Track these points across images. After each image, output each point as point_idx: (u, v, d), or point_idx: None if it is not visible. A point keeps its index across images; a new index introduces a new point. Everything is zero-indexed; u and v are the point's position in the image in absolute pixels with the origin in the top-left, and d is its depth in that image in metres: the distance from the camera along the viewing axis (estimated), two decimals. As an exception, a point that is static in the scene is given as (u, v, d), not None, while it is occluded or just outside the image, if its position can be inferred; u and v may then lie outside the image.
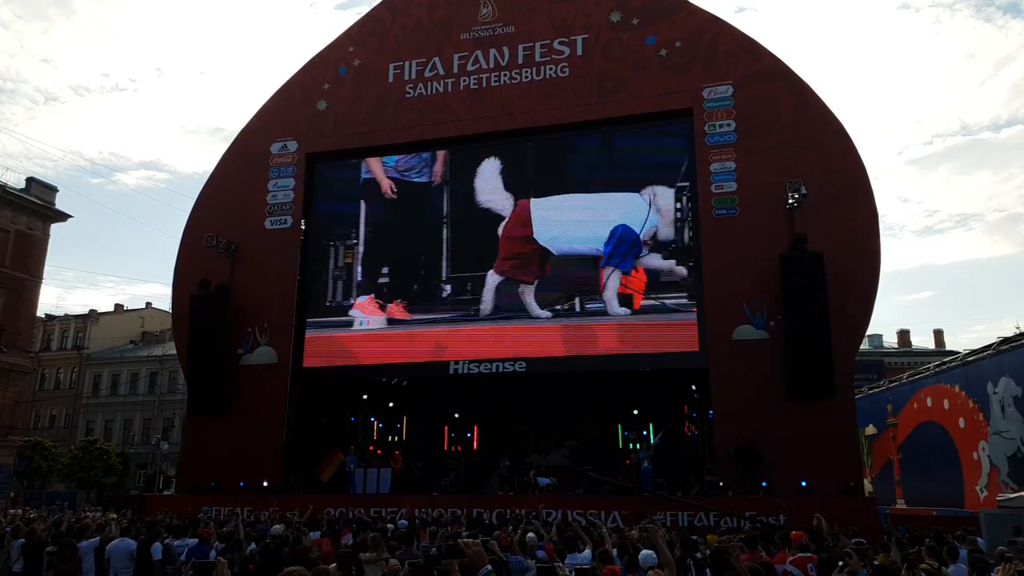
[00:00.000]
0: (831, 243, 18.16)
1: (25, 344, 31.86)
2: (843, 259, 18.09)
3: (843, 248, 18.26)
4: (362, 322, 22.86)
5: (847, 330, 17.90)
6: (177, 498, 22.20)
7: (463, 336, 21.74)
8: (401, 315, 22.50)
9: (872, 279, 18.44)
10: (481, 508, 17.53)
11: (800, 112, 19.96)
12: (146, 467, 46.78)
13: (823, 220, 18.62)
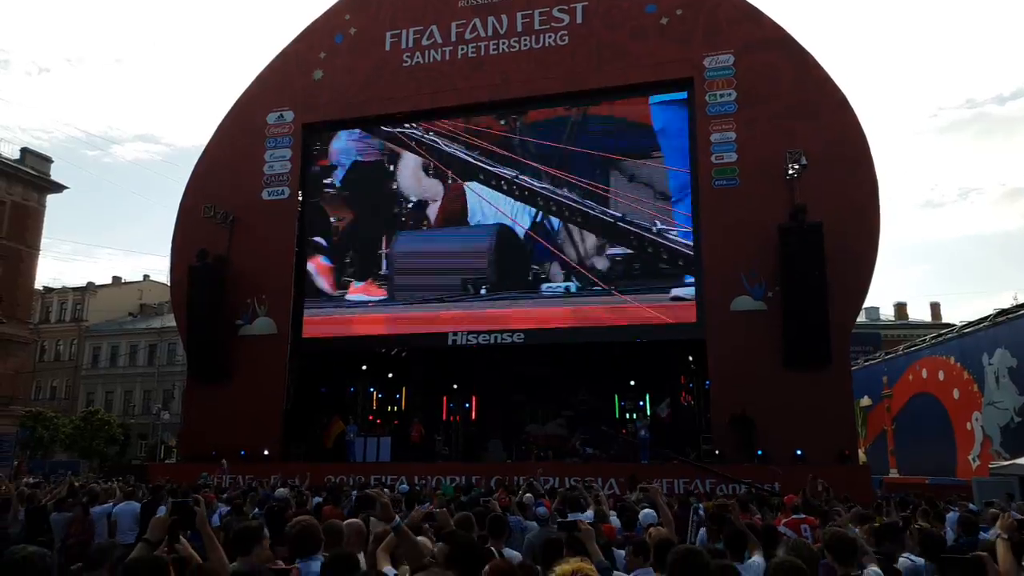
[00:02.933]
0: (830, 214, 18.15)
1: (24, 315, 31.92)
2: (842, 230, 18.09)
3: (842, 219, 18.26)
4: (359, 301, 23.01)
5: (845, 302, 17.99)
6: (179, 466, 22.40)
7: (460, 311, 21.80)
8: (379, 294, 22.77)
9: (871, 251, 18.48)
10: (479, 475, 17.73)
11: (801, 81, 19.83)
12: (147, 437, 47.12)
13: (823, 191, 18.59)
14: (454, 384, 24.84)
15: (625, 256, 20.73)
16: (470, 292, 22.00)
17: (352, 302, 23.03)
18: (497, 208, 22.04)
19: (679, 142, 20.85)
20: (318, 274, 23.73)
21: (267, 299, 22.90)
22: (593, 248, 21.03)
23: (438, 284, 22.39)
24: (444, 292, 22.19)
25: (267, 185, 23.89)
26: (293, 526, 4.63)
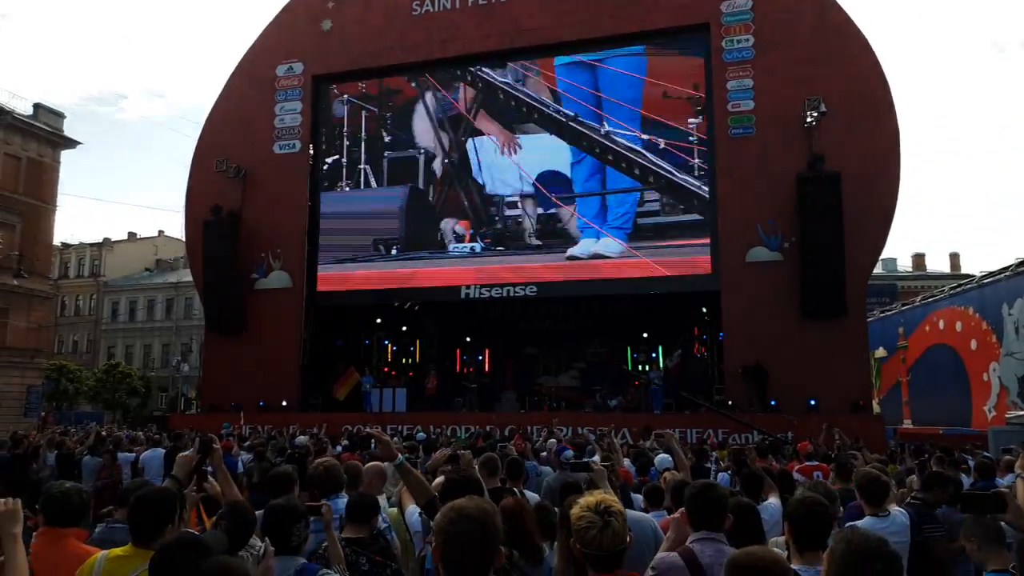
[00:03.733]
0: (850, 163, 17.85)
1: (44, 270, 32.26)
2: (861, 180, 17.80)
3: (862, 168, 17.95)
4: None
5: (862, 252, 17.81)
6: (199, 417, 22.82)
7: (473, 266, 21.80)
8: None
9: (890, 201, 18.21)
10: (494, 425, 17.95)
11: (821, 25, 19.29)
12: (167, 390, 48.04)
13: (842, 139, 18.25)
14: (467, 337, 25.02)
15: (640, 207, 20.54)
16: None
17: (364, 257, 23.06)
18: (514, 160, 21.81)
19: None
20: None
21: (281, 253, 22.99)
22: (611, 198, 20.84)
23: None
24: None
25: (278, 139, 23.75)
26: (317, 467, 4.85)
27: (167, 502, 3.17)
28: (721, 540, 3.35)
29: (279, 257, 22.99)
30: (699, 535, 3.34)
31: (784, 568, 2.22)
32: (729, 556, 2.30)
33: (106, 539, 3.69)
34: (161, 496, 3.23)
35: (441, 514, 2.12)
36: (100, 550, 3.37)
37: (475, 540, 2.04)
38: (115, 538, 3.63)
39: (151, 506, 3.11)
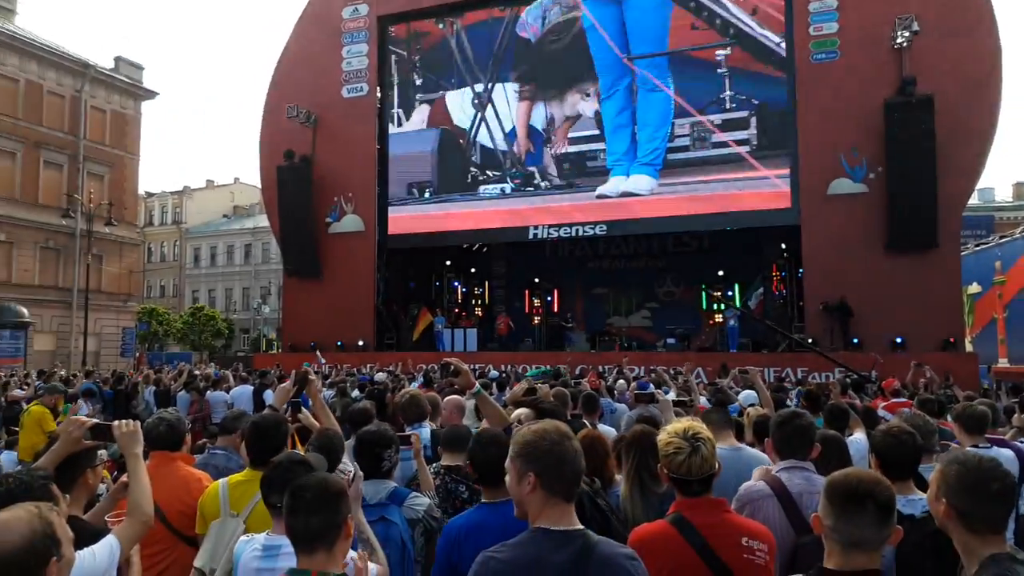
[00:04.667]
0: (944, 86, 16.71)
1: (132, 218, 33.71)
2: (956, 104, 16.65)
3: (957, 92, 16.77)
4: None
5: (956, 181, 16.78)
6: (281, 357, 23.73)
7: (543, 204, 21.56)
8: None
9: (988, 126, 17.02)
10: (563, 364, 18.02)
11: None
12: (249, 331, 50.14)
13: (936, 60, 17.05)
14: (535, 278, 25.02)
15: (716, 139, 19.85)
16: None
17: (432, 198, 23.11)
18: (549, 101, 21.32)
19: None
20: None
21: (353, 197, 23.31)
22: (683, 129, 20.19)
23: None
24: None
25: (346, 82, 23.81)
26: (402, 397, 5.00)
27: (281, 428, 3.39)
28: (809, 468, 3.28)
29: (351, 201, 23.33)
30: (786, 464, 3.28)
31: (887, 488, 2.12)
32: (828, 477, 2.22)
33: (208, 463, 4.03)
34: (276, 422, 3.43)
35: (540, 438, 2.12)
36: (205, 472, 3.71)
37: (579, 453, 2.09)
38: (216, 463, 4.03)
39: (268, 432, 3.32)
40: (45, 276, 28.84)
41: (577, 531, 2.07)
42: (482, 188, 22.11)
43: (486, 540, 2.60)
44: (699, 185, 19.67)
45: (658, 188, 20.09)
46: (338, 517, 2.11)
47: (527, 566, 1.99)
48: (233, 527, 3.07)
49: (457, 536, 2.79)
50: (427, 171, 23.01)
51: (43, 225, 28.37)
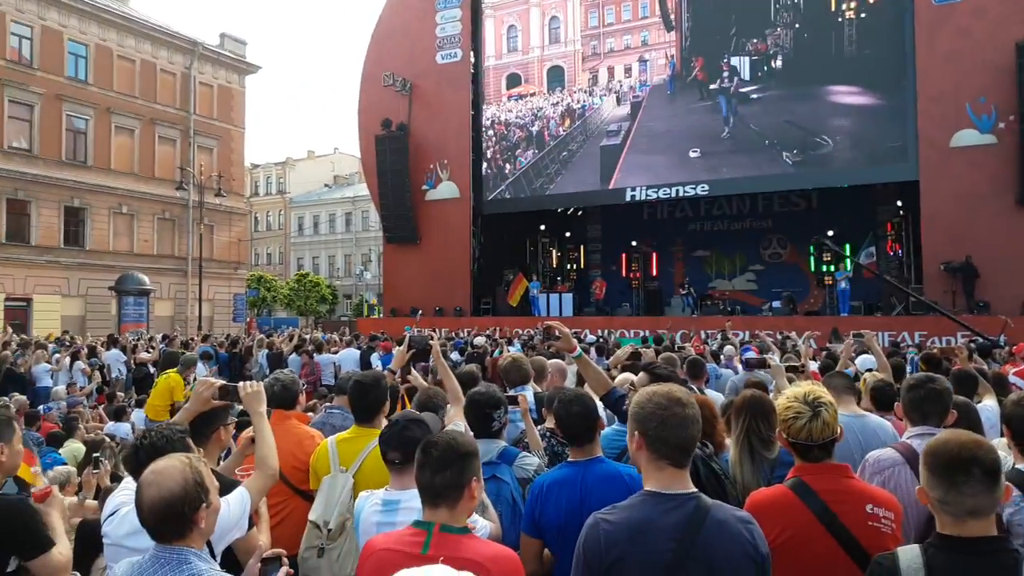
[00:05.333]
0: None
1: (239, 189, 35.25)
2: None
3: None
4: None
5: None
6: (382, 321, 24.42)
7: (637, 160, 21.01)
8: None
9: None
10: (663, 330, 17.71)
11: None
12: (351, 296, 51.90)
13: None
14: (633, 241, 24.55)
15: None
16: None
17: (525, 163, 22.95)
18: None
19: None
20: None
21: (449, 164, 23.50)
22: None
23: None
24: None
25: (440, 48, 23.88)
26: (505, 360, 5.01)
27: (379, 385, 3.53)
28: None
29: (446, 168, 23.54)
30: (917, 431, 3.12)
31: (990, 449, 1.96)
32: (926, 445, 2.07)
33: (326, 423, 4.15)
34: (376, 379, 3.59)
35: (648, 401, 2.09)
36: (320, 431, 3.84)
37: (691, 419, 2.05)
38: (333, 422, 4.14)
39: (368, 389, 3.48)
40: (163, 246, 30.64)
41: (690, 494, 2.04)
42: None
43: (564, 496, 2.71)
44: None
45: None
46: (462, 478, 2.12)
47: (637, 528, 1.98)
48: (343, 481, 3.20)
49: (539, 492, 2.83)
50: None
51: (159, 197, 30.05)
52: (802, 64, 19.14)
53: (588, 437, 2.94)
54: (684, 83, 20.67)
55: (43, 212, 26.33)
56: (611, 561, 1.97)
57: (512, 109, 23.24)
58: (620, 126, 21.36)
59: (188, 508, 1.88)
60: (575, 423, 2.94)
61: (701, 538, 1.94)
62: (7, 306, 25.02)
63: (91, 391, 11.86)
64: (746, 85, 19.75)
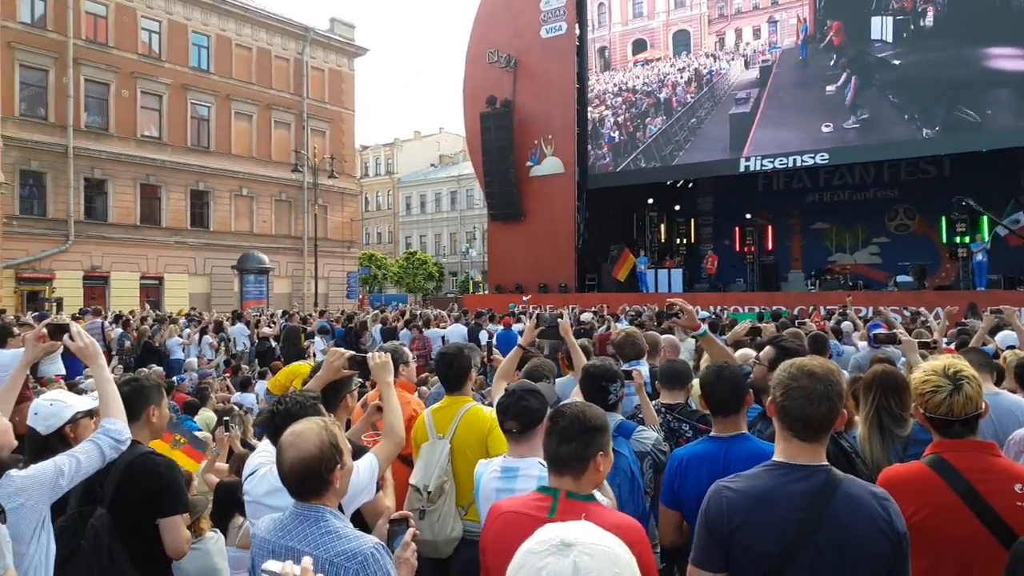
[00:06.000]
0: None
1: (350, 170, 36.42)
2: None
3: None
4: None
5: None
6: (488, 298, 24.68)
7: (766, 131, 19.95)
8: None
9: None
10: (779, 305, 16.99)
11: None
12: (456, 274, 52.88)
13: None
14: (747, 214, 23.58)
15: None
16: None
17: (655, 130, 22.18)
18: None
19: None
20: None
21: (553, 139, 23.32)
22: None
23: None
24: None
25: (545, 22, 23.63)
26: (619, 334, 5.04)
27: (464, 355, 3.66)
28: None
29: (551, 143, 23.38)
30: None
31: None
32: None
33: (440, 394, 4.12)
34: (459, 350, 3.73)
35: (782, 369, 2.06)
36: (415, 399, 4.08)
37: (820, 396, 1.97)
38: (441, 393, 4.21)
39: (452, 360, 3.64)
40: (280, 226, 32.12)
41: (820, 466, 1.99)
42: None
43: (705, 472, 2.71)
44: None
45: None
46: (587, 451, 2.11)
47: (762, 496, 1.95)
48: (441, 447, 3.37)
49: (679, 465, 2.88)
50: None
51: (276, 179, 31.47)
52: (957, 22, 17.33)
53: (734, 407, 2.92)
54: (817, 48, 19.33)
55: (172, 196, 28.14)
56: (733, 528, 1.95)
57: (639, 75, 22.58)
58: (749, 93, 20.26)
59: (325, 468, 1.99)
60: (723, 388, 2.92)
61: (830, 511, 1.89)
62: (142, 284, 26.99)
63: (218, 363, 12.59)
64: (887, 49, 18.25)
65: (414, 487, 3.32)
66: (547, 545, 1.22)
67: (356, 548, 1.94)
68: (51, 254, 24.48)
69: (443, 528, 3.23)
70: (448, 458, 3.34)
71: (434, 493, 3.25)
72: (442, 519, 3.23)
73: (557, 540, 1.22)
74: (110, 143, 26.27)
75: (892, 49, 18.12)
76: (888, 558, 1.88)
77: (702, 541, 2.03)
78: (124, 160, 26.51)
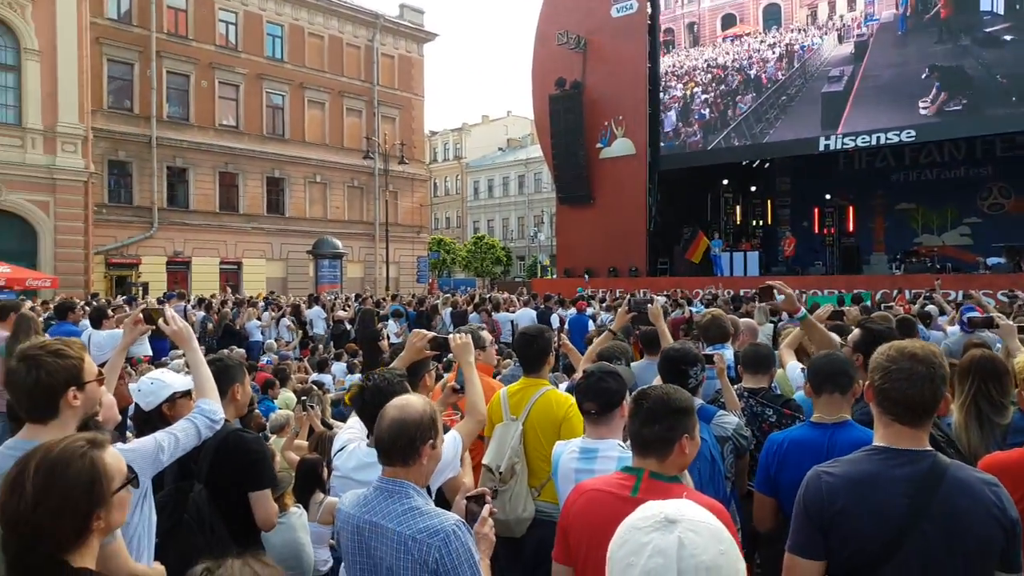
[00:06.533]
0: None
1: (420, 156, 36.80)
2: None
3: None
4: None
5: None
6: (556, 282, 24.59)
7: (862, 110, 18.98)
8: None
9: None
10: (860, 289, 16.32)
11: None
12: (524, 258, 52.95)
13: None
14: (827, 194, 22.71)
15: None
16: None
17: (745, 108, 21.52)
18: None
19: None
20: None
21: (624, 120, 22.96)
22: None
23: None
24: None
25: (615, 1, 23.21)
26: (704, 316, 4.99)
27: (544, 337, 3.68)
28: None
29: (621, 124, 23.03)
30: None
31: None
32: None
33: (515, 375, 4.25)
34: (539, 331, 3.75)
35: (881, 352, 1.99)
36: (495, 382, 4.10)
37: (922, 378, 1.90)
38: (516, 374, 4.26)
39: (532, 340, 3.65)
40: (352, 212, 32.76)
41: (926, 451, 1.92)
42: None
43: (807, 460, 2.57)
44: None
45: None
46: (672, 433, 2.10)
47: (864, 481, 1.89)
48: (514, 429, 3.40)
49: (777, 450, 2.83)
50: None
51: (348, 166, 32.05)
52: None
53: (840, 387, 2.83)
54: (920, 20, 18.28)
55: (249, 183, 29.02)
56: (833, 513, 1.90)
57: (729, 51, 21.88)
58: (843, 71, 19.36)
59: (419, 437, 2.04)
60: (829, 368, 2.83)
61: (939, 496, 1.82)
62: (221, 269, 27.99)
63: (295, 345, 12.95)
64: (998, 22, 17.11)
65: (486, 467, 3.37)
66: (651, 521, 1.21)
67: (438, 525, 1.97)
68: (137, 240, 25.64)
69: (515, 508, 3.28)
70: (520, 440, 3.38)
71: (506, 473, 3.30)
72: (514, 499, 3.29)
73: (661, 516, 1.21)
74: (190, 132, 27.24)
75: (1003, 23, 17.03)
76: (1000, 545, 1.81)
77: (800, 527, 1.98)
78: (204, 149, 27.47)
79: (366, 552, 2.04)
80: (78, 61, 21.81)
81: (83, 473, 1.52)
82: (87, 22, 22.41)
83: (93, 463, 1.54)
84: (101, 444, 1.61)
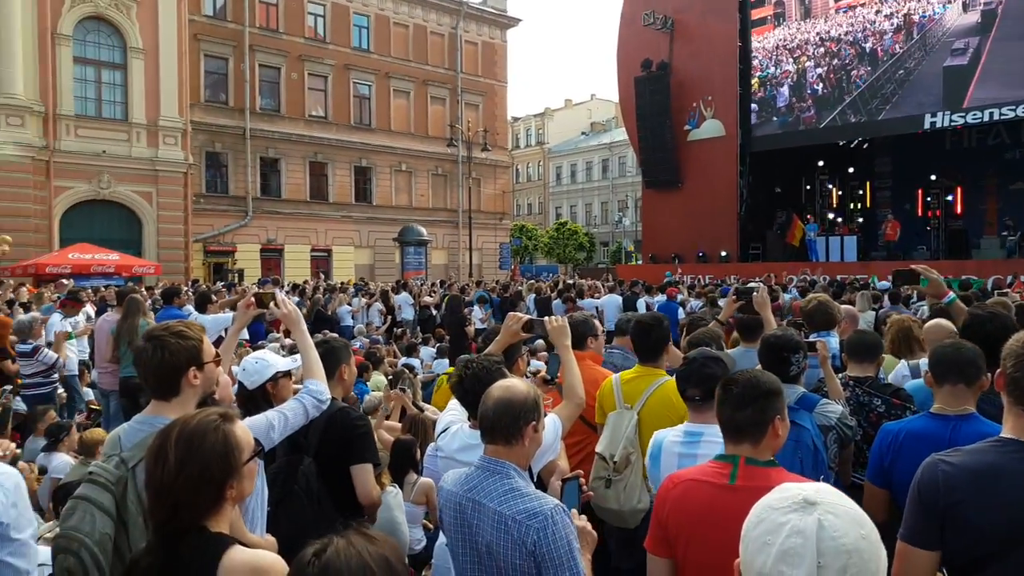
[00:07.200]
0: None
1: (502, 143, 36.90)
2: None
3: None
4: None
5: None
6: (641, 268, 24.24)
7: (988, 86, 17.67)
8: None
9: None
10: (970, 275, 15.38)
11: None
12: (608, 244, 52.41)
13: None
14: (932, 174, 21.45)
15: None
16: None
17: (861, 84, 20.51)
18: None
19: None
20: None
21: (713, 101, 22.33)
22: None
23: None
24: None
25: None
26: (808, 302, 4.81)
27: (663, 326, 3.65)
28: None
29: (711, 105, 22.41)
30: None
31: None
32: None
33: (606, 361, 4.24)
34: (657, 320, 3.73)
35: (1016, 339, 1.88)
36: (607, 371, 3.96)
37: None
38: (614, 360, 4.31)
39: (650, 329, 3.60)
40: (436, 199, 33.22)
41: None
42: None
43: (925, 451, 2.44)
44: None
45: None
46: (764, 416, 2.09)
47: (987, 472, 1.79)
48: (628, 418, 3.35)
49: (892, 441, 2.73)
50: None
51: (432, 154, 32.49)
52: None
53: (967, 377, 2.62)
54: None
55: (337, 172, 29.83)
56: (950, 504, 1.81)
57: (842, 23, 20.83)
58: (967, 43, 18.13)
59: (523, 417, 2.09)
60: (956, 357, 2.62)
61: None
62: (312, 256, 28.94)
63: (385, 330, 13.26)
64: None
65: (600, 456, 3.34)
66: (789, 502, 1.18)
67: (538, 507, 1.98)
68: (232, 228, 26.80)
69: (629, 498, 3.24)
70: (635, 429, 3.33)
71: (620, 463, 3.26)
72: (628, 489, 3.24)
73: (800, 497, 1.18)
74: (282, 124, 28.19)
75: None
76: None
77: (914, 517, 1.90)
78: (295, 140, 28.38)
79: (468, 530, 2.08)
80: (178, 57, 22.92)
81: (218, 444, 1.62)
82: (186, 19, 23.48)
83: (226, 436, 1.64)
84: (231, 418, 1.71)
